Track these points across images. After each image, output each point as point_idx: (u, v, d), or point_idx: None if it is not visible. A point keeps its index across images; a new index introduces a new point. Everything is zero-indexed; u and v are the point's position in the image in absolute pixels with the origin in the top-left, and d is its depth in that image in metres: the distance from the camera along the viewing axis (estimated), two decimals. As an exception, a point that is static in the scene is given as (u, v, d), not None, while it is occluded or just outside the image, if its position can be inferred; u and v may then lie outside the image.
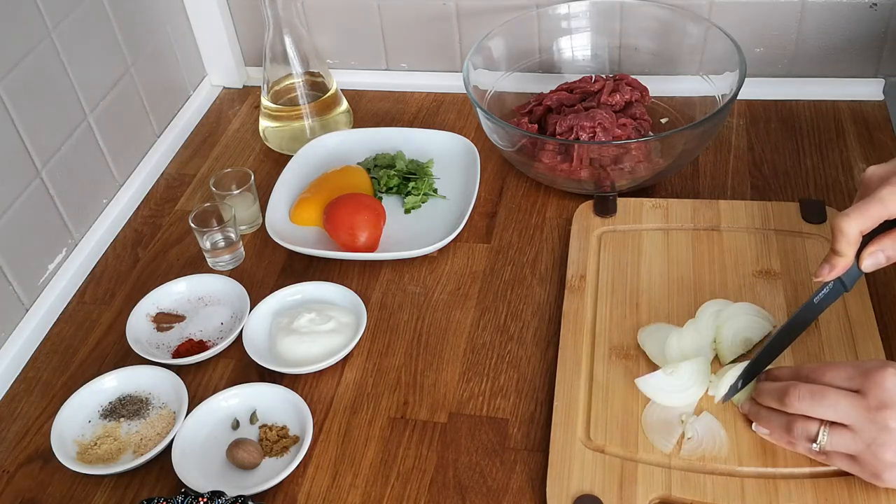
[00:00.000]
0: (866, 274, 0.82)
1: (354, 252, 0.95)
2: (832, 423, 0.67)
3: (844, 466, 0.68)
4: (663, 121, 1.06)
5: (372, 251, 0.96)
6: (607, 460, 0.73)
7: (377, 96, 1.22)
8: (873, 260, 0.71)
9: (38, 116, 0.95)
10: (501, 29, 1.08)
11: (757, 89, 1.09)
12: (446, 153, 1.07)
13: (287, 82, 1.12)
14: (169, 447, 0.79)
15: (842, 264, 0.71)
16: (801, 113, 1.09)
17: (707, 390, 0.76)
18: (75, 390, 0.84)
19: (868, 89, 1.10)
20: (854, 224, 0.69)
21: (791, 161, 1.02)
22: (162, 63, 1.18)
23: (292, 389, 0.82)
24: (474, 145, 1.05)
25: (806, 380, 0.70)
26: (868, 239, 0.71)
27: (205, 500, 0.70)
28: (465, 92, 1.01)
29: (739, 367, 0.75)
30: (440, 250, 0.97)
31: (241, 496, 0.71)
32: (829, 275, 0.71)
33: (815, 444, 0.67)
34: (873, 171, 0.71)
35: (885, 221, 0.70)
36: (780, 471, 0.70)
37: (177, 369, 0.86)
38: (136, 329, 0.90)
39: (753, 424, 0.73)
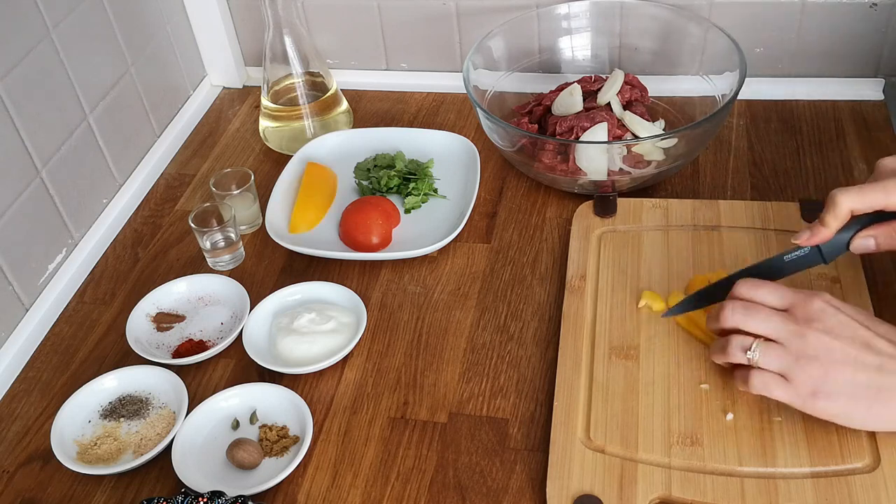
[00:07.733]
0: (867, 272, 0.82)
1: (360, 252, 0.95)
2: (765, 340, 0.69)
3: (780, 394, 0.69)
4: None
5: (382, 249, 0.96)
6: (607, 460, 0.73)
7: (377, 96, 1.22)
8: (864, 244, 0.73)
9: (38, 116, 0.95)
10: (501, 29, 1.08)
11: (757, 89, 1.09)
12: (446, 153, 1.06)
13: (287, 82, 1.12)
14: (169, 447, 0.79)
15: (822, 234, 0.73)
16: (801, 113, 1.09)
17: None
18: (75, 390, 0.84)
19: (868, 89, 1.10)
20: (848, 200, 0.71)
21: (791, 161, 1.02)
22: (162, 63, 1.18)
23: (292, 389, 0.82)
24: (474, 145, 1.05)
25: (743, 295, 0.72)
26: (865, 225, 0.73)
27: (205, 500, 0.70)
28: (465, 92, 1.01)
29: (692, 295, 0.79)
30: (440, 250, 0.97)
31: (241, 496, 0.71)
32: (807, 241, 0.74)
33: (749, 353, 0.69)
34: (887, 162, 0.73)
35: (883, 213, 0.71)
36: (780, 471, 0.70)
37: (177, 369, 0.86)
38: (136, 329, 0.90)
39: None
